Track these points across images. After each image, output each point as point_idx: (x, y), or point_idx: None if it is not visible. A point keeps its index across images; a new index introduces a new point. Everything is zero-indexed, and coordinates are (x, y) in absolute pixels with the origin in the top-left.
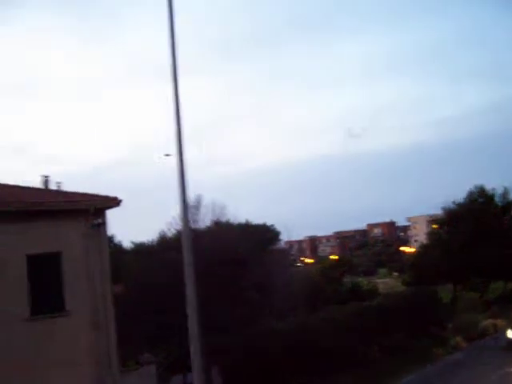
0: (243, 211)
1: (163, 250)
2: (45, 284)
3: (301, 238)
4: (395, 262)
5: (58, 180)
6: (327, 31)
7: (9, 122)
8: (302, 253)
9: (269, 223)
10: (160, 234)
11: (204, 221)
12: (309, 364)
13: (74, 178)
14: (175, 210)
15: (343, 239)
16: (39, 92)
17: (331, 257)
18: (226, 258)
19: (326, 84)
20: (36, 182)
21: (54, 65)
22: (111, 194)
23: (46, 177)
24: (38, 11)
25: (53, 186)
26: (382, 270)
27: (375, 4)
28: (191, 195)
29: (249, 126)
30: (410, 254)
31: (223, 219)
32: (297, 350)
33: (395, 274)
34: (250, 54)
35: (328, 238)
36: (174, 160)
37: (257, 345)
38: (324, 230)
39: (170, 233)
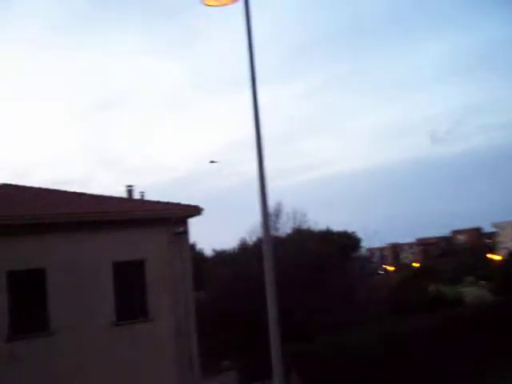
0: (324, 218)
1: (244, 258)
2: (129, 291)
3: (383, 245)
4: (482, 269)
5: (142, 190)
6: (406, 32)
7: (98, 136)
8: (383, 260)
9: (350, 230)
10: (241, 241)
11: (285, 228)
12: (394, 376)
13: (157, 188)
14: (256, 218)
15: (426, 246)
16: (124, 106)
17: (414, 264)
18: (307, 266)
19: (408, 86)
20: (121, 192)
21: (135, 80)
22: (193, 202)
23: (130, 187)
24: (119, 29)
25: (137, 196)
26: (468, 278)
27: (456, 3)
28: (272, 203)
29: (329, 131)
30: (497, 261)
31: (304, 226)
32: (380, 360)
33: (482, 282)
34: (326, 57)
35: (410, 245)
36: (254, 168)
37: (338, 353)
38: (406, 236)
39: (251, 240)
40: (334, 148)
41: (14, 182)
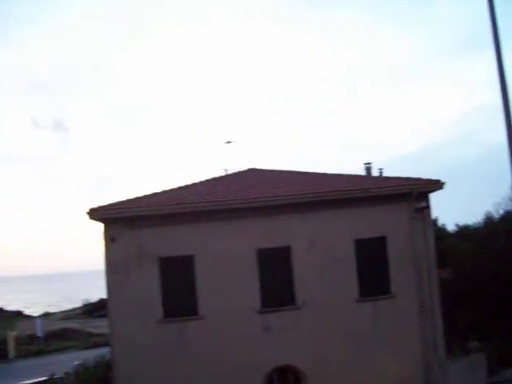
0: None
1: (489, 234)
2: (371, 267)
3: None
4: None
5: (380, 166)
6: None
7: (334, 117)
8: None
9: None
10: (486, 216)
11: None
12: None
13: (395, 164)
14: (504, 189)
15: None
16: (356, 83)
17: None
18: None
19: None
20: (360, 170)
21: (371, 55)
22: (434, 177)
23: (368, 164)
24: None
25: (375, 173)
26: None
27: None
28: None
29: None
30: None
31: None
32: None
33: None
34: None
35: None
36: (500, 135)
37: None
38: None
39: (497, 214)
40: None
41: (261, 167)
